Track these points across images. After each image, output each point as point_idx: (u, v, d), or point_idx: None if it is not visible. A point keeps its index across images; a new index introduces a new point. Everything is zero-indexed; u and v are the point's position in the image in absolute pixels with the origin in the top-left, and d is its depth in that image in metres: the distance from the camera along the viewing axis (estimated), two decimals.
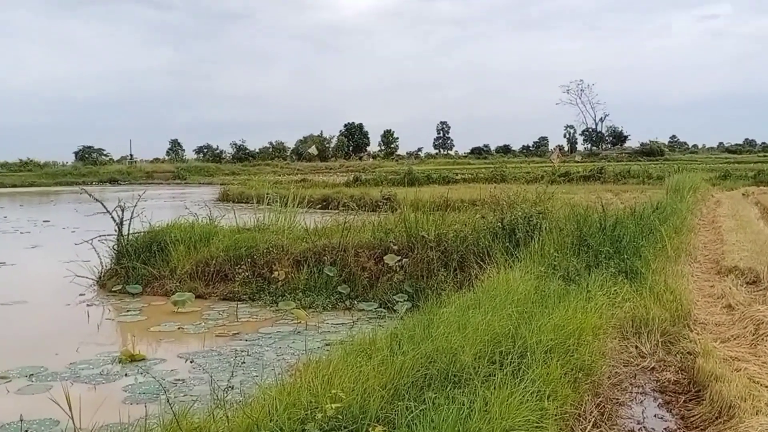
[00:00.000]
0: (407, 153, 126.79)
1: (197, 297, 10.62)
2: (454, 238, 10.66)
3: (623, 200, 20.94)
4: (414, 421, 3.66)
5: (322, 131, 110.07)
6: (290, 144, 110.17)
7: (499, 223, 10.61)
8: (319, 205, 26.23)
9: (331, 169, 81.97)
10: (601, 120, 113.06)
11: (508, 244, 10.07)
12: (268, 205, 14.67)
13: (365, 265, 10.78)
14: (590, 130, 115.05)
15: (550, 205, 12.09)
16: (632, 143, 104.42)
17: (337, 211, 14.46)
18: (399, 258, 10.64)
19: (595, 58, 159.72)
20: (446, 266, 10.37)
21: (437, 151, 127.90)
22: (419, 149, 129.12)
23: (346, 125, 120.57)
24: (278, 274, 10.78)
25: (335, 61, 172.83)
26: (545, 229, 10.00)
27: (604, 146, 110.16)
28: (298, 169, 71.49)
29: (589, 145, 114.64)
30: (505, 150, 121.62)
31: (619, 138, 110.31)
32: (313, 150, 39.81)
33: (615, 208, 13.50)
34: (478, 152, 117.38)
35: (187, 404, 5.01)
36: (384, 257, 10.71)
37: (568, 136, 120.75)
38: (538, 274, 7.61)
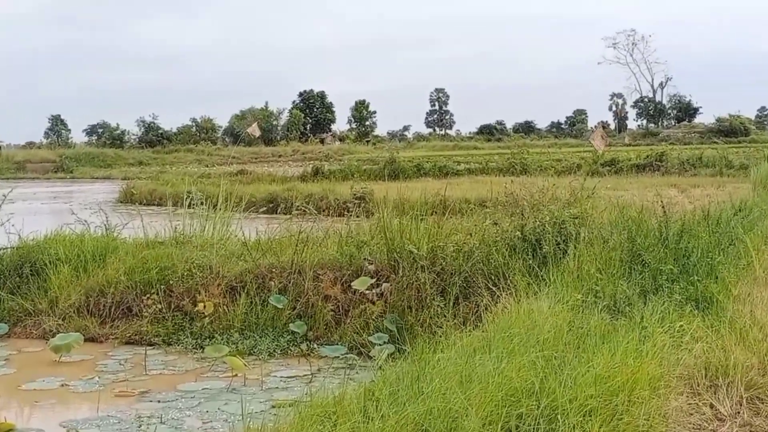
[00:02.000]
0: (389, 133, 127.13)
1: (88, 340, 10.52)
2: (454, 253, 10.66)
3: (693, 198, 21.19)
4: None
5: (267, 103, 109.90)
6: (222, 122, 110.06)
7: (518, 233, 10.64)
8: (264, 208, 26.04)
9: (280, 156, 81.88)
10: (662, 86, 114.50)
11: (531, 261, 10.10)
12: (190, 208, 14.60)
13: (329, 292, 10.76)
14: (646, 100, 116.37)
15: (589, 206, 12.17)
16: (705, 118, 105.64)
17: (289, 216, 14.41)
18: (377, 282, 10.63)
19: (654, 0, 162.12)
20: (443, 294, 10.37)
21: (431, 130, 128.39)
22: (405, 128, 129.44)
23: (301, 95, 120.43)
24: (204, 307, 10.73)
25: (286, 7, 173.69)
26: (583, 240, 10.05)
27: (665, 123, 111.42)
28: (233, 157, 71.23)
29: (644, 122, 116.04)
30: (527, 129, 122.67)
31: (686, 112, 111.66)
32: (254, 130, 39.69)
33: (681, 209, 13.62)
34: (489, 132, 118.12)
35: None
36: (355, 282, 10.70)
37: (614, 108, 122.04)
38: (573, 303, 7.64)
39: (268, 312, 10.65)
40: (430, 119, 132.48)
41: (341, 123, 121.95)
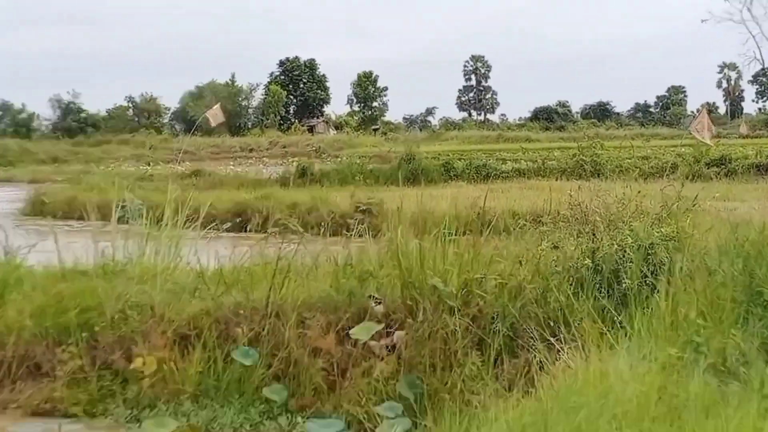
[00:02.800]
0: (405, 119, 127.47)
1: None
2: (497, 290, 10.65)
3: None
4: None
5: (234, 77, 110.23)
6: (170, 102, 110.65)
7: (588, 260, 10.64)
8: (229, 224, 26.10)
9: (252, 150, 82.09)
10: None
11: (605, 301, 10.08)
12: (124, 223, 14.62)
13: (319, 344, 10.75)
14: None
15: (689, 223, 12.14)
16: None
17: (264, 235, 14.41)
18: (387, 330, 10.63)
19: None
20: (481, 347, 10.37)
21: (465, 115, 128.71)
22: (429, 112, 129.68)
23: (282, 65, 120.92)
24: (144, 364, 10.72)
25: None
26: (680, 271, 10.02)
27: None
28: (186, 152, 71.31)
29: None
30: (601, 113, 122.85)
31: None
32: (215, 114, 39.66)
33: None
34: (547, 118, 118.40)
35: None
36: (357, 329, 10.69)
37: (725, 85, 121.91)
38: (664, 361, 7.62)
39: (233, 371, 10.62)
40: (464, 99, 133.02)
41: (338, 104, 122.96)
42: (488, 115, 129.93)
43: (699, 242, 11.16)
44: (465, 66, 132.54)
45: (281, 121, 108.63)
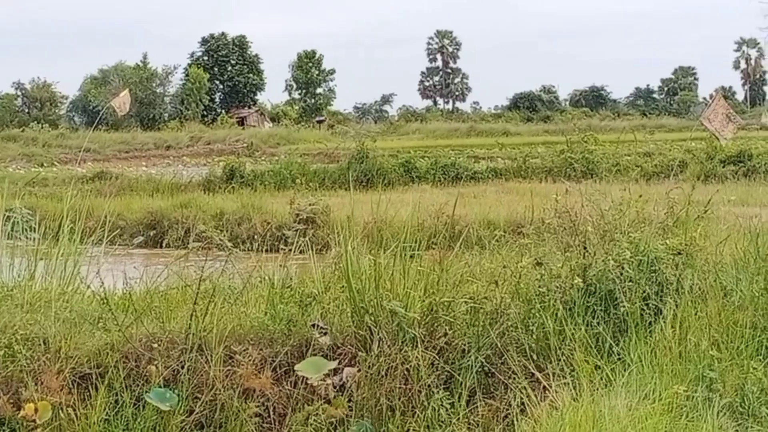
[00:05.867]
0: (357, 109, 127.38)
1: None
2: (468, 316, 10.69)
3: None
4: None
5: (146, 57, 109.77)
6: (68, 89, 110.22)
7: (578, 279, 10.69)
8: (141, 238, 26.14)
9: (169, 148, 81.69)
10: None
11: (599, 327, 10.14)
12: (9, 238, 14.55)
13: (252, 384, 10.74)
14: None
15: (700, 233, 12.22)
16: None
17: (183, 249, 14.40)
18: (336, 367, 10.63)
19: None
20: (450, 385, 10.41)
21: (429, 102, 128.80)
22: (386, 100, 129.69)
23: (205, 43, 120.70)
24: (36, 411, 10.67)
25: None
26: (689, 292, 10.10)
27: None
28: (88, 150, 70.98)
29: None
30: (594, 100, 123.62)
31: None
32: (123, 103, 39.47)
33: None
34: (530, 106, 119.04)
35: None
36: (300, 365, 10.71)
37: (744, 65, 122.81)
38: (670, 401, 7.67)
39: (146, 417, 10.58)
40: (428, 84, 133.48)
41: (275, 90, 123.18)
42: (458, 104, 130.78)
43: (712, 256, 11.24)
44: (429, 44, 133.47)
45: (205, 112, 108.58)
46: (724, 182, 34.17)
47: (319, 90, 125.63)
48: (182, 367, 10.88)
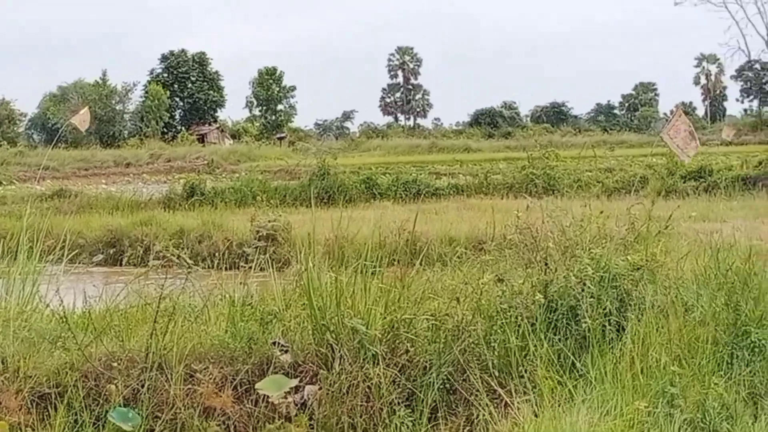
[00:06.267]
0: (318, 125, 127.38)
1: None
2: (430, 333, 10.66)
3: None
4: None
5: (105, 74, 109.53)
6: (27, 107, 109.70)
7: (539, 296, 10.68)
8: (101, 256, 26.02)
9: (129, 165, 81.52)
10: None
11: (561, 344, 10.14)
12: None
13: (212, 402, 10.69)
14: (757, 67, 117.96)
15: (662, 249, 12.25)
16: None
17: (143, 268, 14.31)
18: (297, 385, 10.60)
19: None
20: (411, 402, 10.38)
21: (391, 119, 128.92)
22: (347, 116, 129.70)
23: (165, 60, 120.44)
24: None
25: None
26: (651, 308, 10.11)
27: None
28: (47, 168, 70.71)
29: (755, 103, 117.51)
30: (555, 116, 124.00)
31: None
32: (83, 120, 39.22)
33: None
34: (491, 122, 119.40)
35: None
36: (261, 383, 10.66)
37: (704, 81, 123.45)
38: (632, 416, 7.68)
39: None
40: (389, 100, 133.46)
41: (235, 107, 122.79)
42: (419, 120, 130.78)
43: (673, 272, 11.27)
44: (390, 60, 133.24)
45: (165, 129, 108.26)
46: (685, 198, 34.38)
47: (279, 107, 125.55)
48: (142, 386, 10.81)
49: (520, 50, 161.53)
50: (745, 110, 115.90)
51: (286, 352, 10.91)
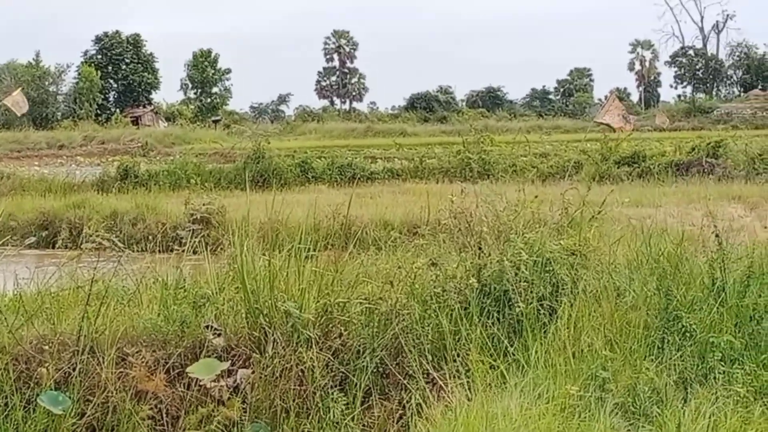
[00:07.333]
0: (253, 108, 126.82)
1: None
2: (364, 317, 10.70)
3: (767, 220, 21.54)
4: None
5: (38, 55, 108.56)
6: None
7: (473, 280, 10.71)
8: (33, 239, 25.79)
9: (62, 147, 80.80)
10: (717, 30, 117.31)
11: (495, 327, 10.17)
12: None
13: (145, 386, 10.65)
14: (691, 53, 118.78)
15: (595, 234, 12.32)
16: None
17: (75, 250, 14.22)
18: (230, 368, 10.58)
19: None
20: (344, 386, 10.41)
21: (326, 103, 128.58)
22: (283, 100, 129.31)
23: (99, 41, 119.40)
24: None
25: None
26: (583, 292, 10.16)
27: (723, 91, 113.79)
28: None
29: (688, 89, 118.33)
30: (491, 101, 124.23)
31: (758, 73, 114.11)
32: (17, 101, 38.96)
33: (750, 239, 13.87)
34: (426, 107, 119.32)
35: None
36: (193, 367, 10.64)
37: (638, 67, 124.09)
38: (564, 401, 7.72)
39: (36, 421, 10.43)
40: (324, 84, 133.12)
41: (170, 90, 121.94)
42: (354, 104, 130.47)
43: (606, 257, 11.33)
44: (326, 44, 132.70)
45: (99, 111, 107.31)
46: (619, 183, 34.53)
47: (214, 89, 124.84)
48: (74, 370, 10.76)
49: (457, 36, 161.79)
50: (679, 96, 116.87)
51: (219, 335, 10.88)
